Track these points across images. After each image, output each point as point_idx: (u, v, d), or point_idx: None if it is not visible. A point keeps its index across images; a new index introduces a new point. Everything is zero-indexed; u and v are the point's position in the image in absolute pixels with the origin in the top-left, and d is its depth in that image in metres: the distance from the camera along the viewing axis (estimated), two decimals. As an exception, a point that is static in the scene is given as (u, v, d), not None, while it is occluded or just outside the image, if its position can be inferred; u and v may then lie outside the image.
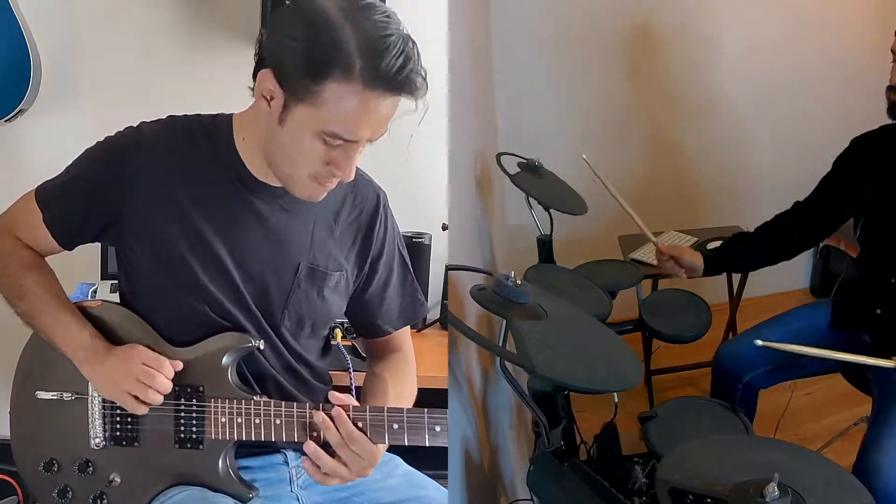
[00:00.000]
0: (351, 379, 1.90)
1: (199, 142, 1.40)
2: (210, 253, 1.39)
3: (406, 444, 1.34)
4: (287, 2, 2.29)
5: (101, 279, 2.27)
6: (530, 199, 2.08)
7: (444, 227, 2.16)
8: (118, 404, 1.41)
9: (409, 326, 1.63)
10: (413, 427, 1.33)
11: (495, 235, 2.14)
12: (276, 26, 1.29)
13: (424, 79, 1.26)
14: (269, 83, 1.28)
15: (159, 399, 1.36)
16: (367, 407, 1.35)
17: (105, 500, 1.43)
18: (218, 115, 1.44)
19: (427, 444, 1.33)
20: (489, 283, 1.24)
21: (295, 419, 1.37)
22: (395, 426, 1.33)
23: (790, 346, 1.71)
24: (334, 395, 1.36)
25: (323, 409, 1.35)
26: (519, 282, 1.19)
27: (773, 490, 1.05)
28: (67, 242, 1.48)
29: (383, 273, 1.56)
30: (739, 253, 2.16)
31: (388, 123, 1.29)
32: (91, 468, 1.44)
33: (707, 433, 1.75)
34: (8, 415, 1.49)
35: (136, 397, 1.36)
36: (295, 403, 1.38)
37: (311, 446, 1.33)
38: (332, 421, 1.32)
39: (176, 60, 2.53)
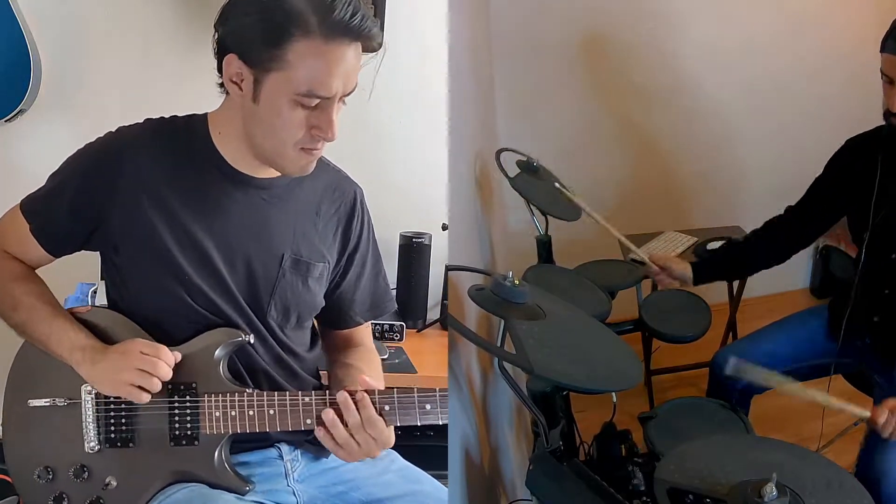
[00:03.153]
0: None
1: (178, 140, 1.44)
2: (196, 246, 1.41)
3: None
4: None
5: (101, 279, 2.26)
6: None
7: (444, 227, 2.16)
8: (112, 405, 1.42)
9: (370, 324, 1.67)
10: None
11: (495, 235, 2.14)
12: (229, 11, 1.35)
13: (377, 24, 1.33)
14: (235, 66, 1.33)
15: (158, 386, 1.37)
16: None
17: None
18: (192, 115, 1.48)
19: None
20: (487, 283, 1.24)
21: (288, 407, 1.39)
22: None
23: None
24: (363, 380, 1.39)
25: (342, 394, 1.36)
26: (517, 282, 1.20)
27: (771, 490, 1.05)
28: (56, 251, 1.50)
29: (358, 266, 1.60)
30: (731, 262, 2.18)
31: (356, 75, 1.34)
32: (87, 473, 1.43)
33: (707, 433, 1.75)
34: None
35: (139, 387, 1.37)
36: (287, 392, 1.41)
37: (329, 414, 1.36)
38: (356, 404, 1.35)
39: (176, 61, 2.53)
